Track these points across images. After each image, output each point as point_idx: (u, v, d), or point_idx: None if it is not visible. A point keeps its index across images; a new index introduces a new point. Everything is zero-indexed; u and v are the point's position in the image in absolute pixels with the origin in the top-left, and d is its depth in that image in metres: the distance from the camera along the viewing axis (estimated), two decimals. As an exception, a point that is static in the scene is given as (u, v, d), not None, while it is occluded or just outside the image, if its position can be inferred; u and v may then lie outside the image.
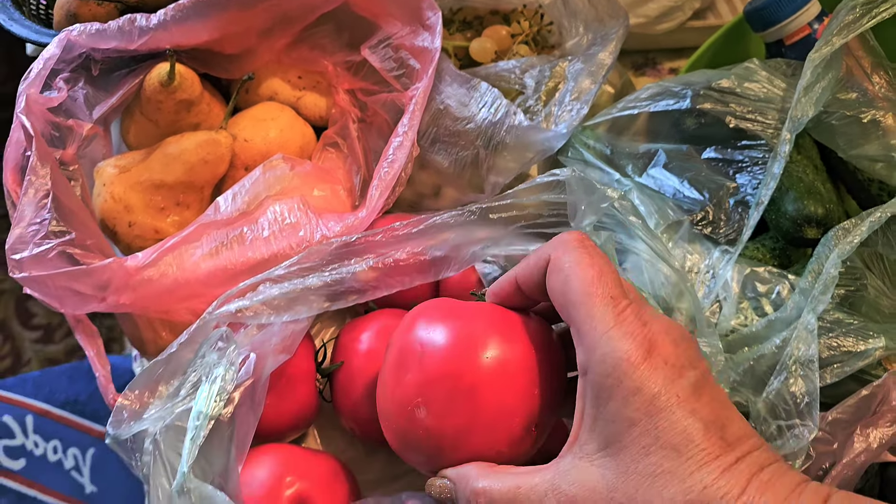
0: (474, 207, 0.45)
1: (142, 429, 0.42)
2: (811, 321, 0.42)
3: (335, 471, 0.47)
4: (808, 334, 0.42)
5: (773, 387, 0.42)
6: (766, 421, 0.41)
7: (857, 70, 0.55)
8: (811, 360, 0.41)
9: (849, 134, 0.53)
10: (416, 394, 0.40)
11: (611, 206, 0.41)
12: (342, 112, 0.62)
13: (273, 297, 0.47)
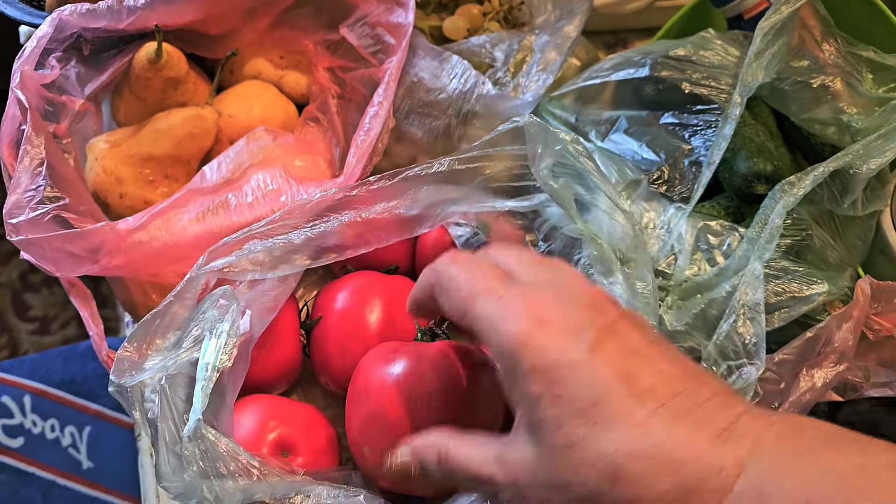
0: (443, 159, 0.48)
1: (143, 378, 0.45)
2: (758, 268, 0.46)
3: (315, 419, 0.50)
4: (755, 280, 0.45)
5: (723, 330, 0.45)
6: (717, 362, 0.44)
7: (809, 39, 0.59)
8: (758, 304, 0.45)
9: (800, 99, 0.56)
10: (359, 434, 0.47)
11: (564, 148, 0.44)
12: (322, 89, 0.65)
13: (257, 254, 0.50)
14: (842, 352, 0.47)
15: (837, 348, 0.47)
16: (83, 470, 0.98)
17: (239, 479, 0.42)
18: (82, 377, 1.04)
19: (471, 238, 0.54)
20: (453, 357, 0.47)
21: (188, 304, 0.49)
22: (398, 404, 0.45)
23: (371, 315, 0.53)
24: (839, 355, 0.47)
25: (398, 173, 0.49)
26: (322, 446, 0.49)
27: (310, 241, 0.50)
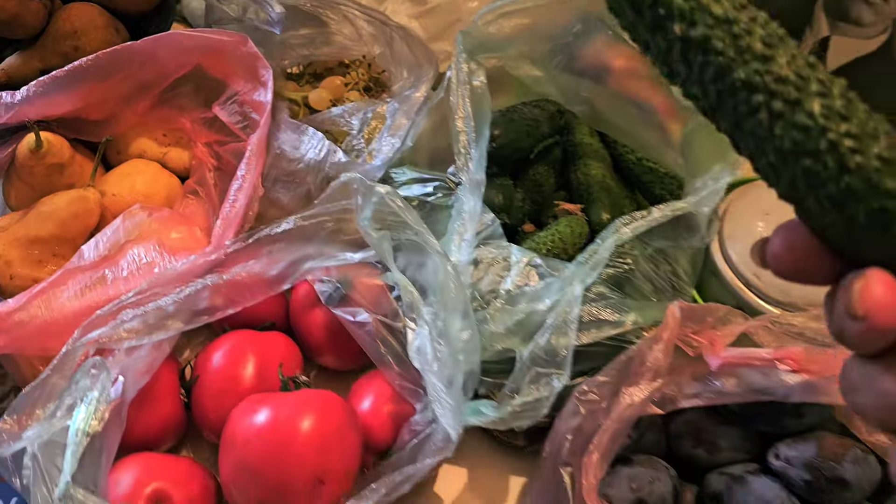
0: (289, 219, 0.53)
1: (21, 447, 0.49)
2: (578, 290, 0.51)
3: (191, 471, 0.54)
4: (573, 300, 0.51)
5: (539, 340, 0.50)
6: (529, 367, 0.49)
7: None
8: (572, 322, 0.50)
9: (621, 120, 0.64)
10: (230, 480, 0.52)
11: (381, 200, 0.50)
12: (200, 163, 0.70)
13: (131, 323, 0.54)
14: (655, 370, 0.53)
15: (651, 367, 0.53)
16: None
17: (109, 532, 0.46)
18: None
19: (332, 293, 0.60)
20: (310, 405, 0.52)
21: (66, 375, 0.53)
22: (261, 450, 0.50)
23: (244, 371, 0.58)
24: (654, 373, 0.53)
25: (251, 235, 0.55)
26: (197, 495, 0.53)
27: (180, 306, 0.55)
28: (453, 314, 0.50)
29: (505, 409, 0.49)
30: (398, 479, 0.49)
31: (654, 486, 0.53)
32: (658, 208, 0.55)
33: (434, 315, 0.49)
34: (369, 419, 0.56)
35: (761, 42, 0.24)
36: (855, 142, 0.23)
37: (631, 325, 0.53)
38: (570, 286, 0.52)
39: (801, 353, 0.50)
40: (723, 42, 0.24)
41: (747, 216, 0.66)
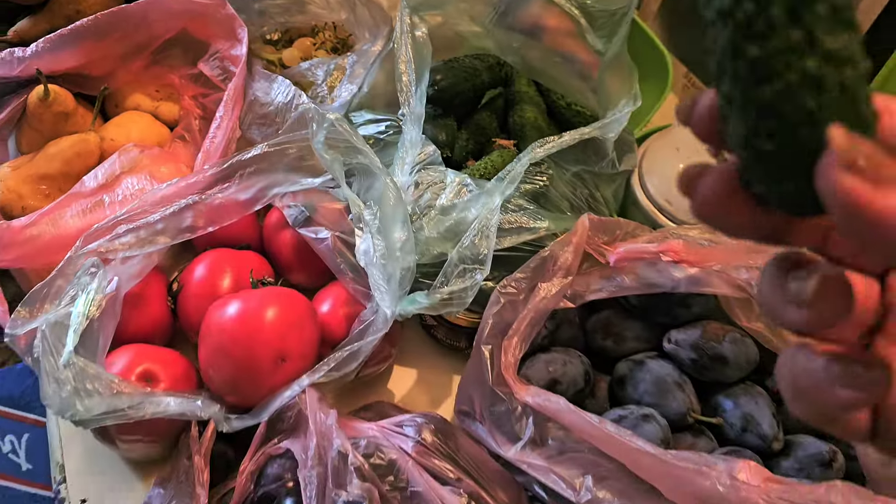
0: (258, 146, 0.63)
1: (32, 328, 0.59)
2: (497, 200, 0.61)
3: (175, 357, 0.64)
4: (493, 209, 0.61)
5: (465, 242, 0.60)
6: (457, 265, 0.59)
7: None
8: (492, 226, 0.60)
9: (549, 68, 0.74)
10: (206, 363, 0.62)
11: (331, 125, 0.60)
12: (187, 112, 0.80)
13: (124, 237, 0.64)
14: (566, 268, 0.62)
15: (562, 266, 0.62)
16: (23, 471, 1.10)
17: (103, 395, 0.56)
18: (19, 393, 1.17)
19: (298, 216, 0.69)
20: (275, 297, 0.62)
21: (69, 277, 0.63)
22: (233, 333, 0.60)
23: (222, 281, 0.68)
24: (565, 271, 0.62)
25: (226, 161, 0.65)
26: (180, 375, 0.63)
27: (166, 223, 0.65)
28: (393, 220, 0.59)
29: (435, 297, 0.59)
30: (344, 354, 0.59)
31: (568, 368, 0.63)
32: (568, 133, 0.65)
33: (374, 217, 0.59)
34: (327, 318, 0.66)
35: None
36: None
37: (544, 231, 0.63)
38: (491, 197, 0.61)
39: (681, 246, 0.59)
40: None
41: (662, 154, 0.76)
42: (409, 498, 0.51)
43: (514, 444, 0.57)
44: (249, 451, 0.59)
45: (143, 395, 0.57)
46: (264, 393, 0.60)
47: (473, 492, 0.53)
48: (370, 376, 0.68)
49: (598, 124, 0.67)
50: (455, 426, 0.58)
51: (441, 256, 0.63)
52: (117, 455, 0.67)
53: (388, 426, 0.57)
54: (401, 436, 0.55)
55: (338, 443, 0.51)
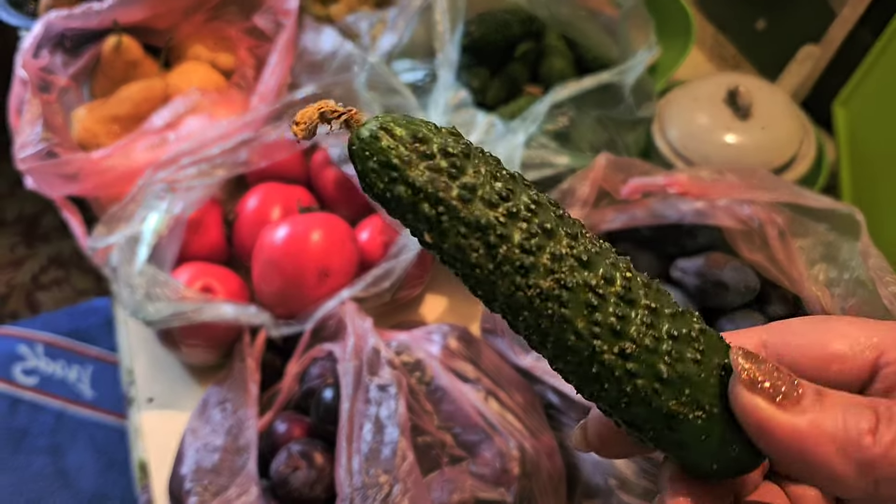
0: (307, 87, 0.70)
1: (111, 241, 0.67)
2: (521, 138, 0.67)
3: (231, 275, 0.72)
4: (517, 145, 0.67)
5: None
6: None
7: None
8: (515, 160, 0.66)
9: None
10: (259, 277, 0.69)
11: (372, 67, 0.66)
12: (242, 63, 0.88)
13: (187, 168, 0.72)
14: (584, 201, 0.68)
15: (580, 198, 0.68)
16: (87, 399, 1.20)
17: (170, 300, 0.64)
18: (84, 328, 1.27)
19: (342, 154, 0.76)
20: (319, 220, 0.69)
21: (140, 202, 0.71)
22: (282, 250, 0.67)
23: (272, 210, 0.75)
24: (582, 203, 0.68)
25: (277, 101, 0.72)
26: (235, 290, 0.70)
27: (224, 157, 0.73)
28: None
29: None
30: (381, 271, 0.66)
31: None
32: (588, 77, 0.70)
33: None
34: (366, 244, 0.73)
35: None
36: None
37: (565, 166, 0.69)
38: (516, 135, 0.68)
39: (685, 178, 0.65)
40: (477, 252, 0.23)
41: (681, 105, 0.81)
42: (434, 391, 0.58)
43: (528, 354, 0.64)
44: (295, 355, 0.67)
45: (203, 301, 0.65)
46: (309, 305, 0.68)
47: (491, 390, 0.59)
48: (404, 300, 0.75)
49: (616, 70, 0.73)
50: (478, 338, 0.64)
51: None
52: (178, 361, 0.75)
53: (418, 333, 0.64)
54: (429, 341, 0.62)
55: (372, 341, 0.58)
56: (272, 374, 0.70)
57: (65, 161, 0.73)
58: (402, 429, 0.51)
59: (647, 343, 0.24)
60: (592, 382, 0.24)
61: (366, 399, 0.54)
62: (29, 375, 1.22)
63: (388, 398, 0.53)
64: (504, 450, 0.54)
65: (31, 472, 1.15)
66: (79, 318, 1.28)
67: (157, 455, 0.70)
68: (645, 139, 0.82)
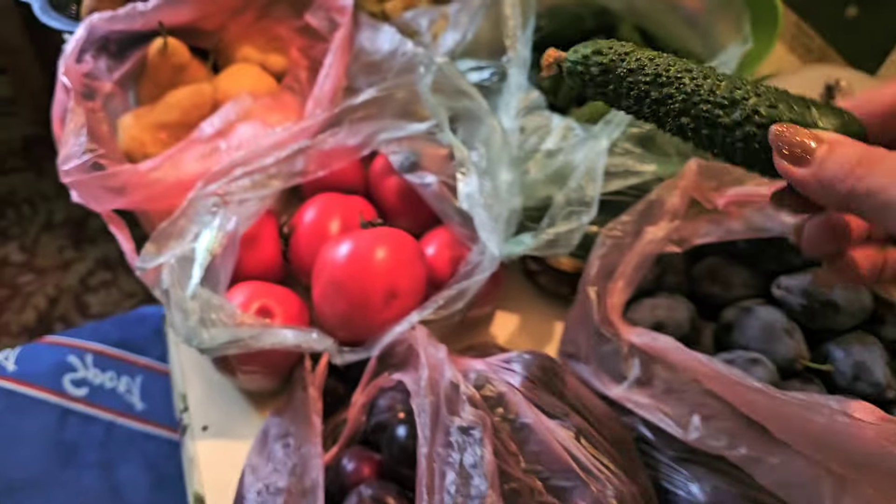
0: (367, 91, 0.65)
1: (161, 261, 0.63)
2: (604, 143, 0.61)
3: (290, 295, 0.67)
4: (600, 152, 0.61)
5: (572, 184, 0.60)
6: (563, 207, 0.59)
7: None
8: (599, 169, 0.60)
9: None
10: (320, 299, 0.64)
11: (439, 69, 0.61)
12: (294, 64, 0.83)
13: (241, 179, 0.67)
14: (673, 212, 0.62)
15: (669, 209, 0.62)
16: (137, 410, 1.17)
17: (226, 325, 0.59)
18: (132, 338, 1.24)
19: (404, 161, 0.71)
20: (385, 237, 0.64)
21: (191, 217, 0.66)
22: (346, 269, 0.62)
23: (331, 223, 0.70)
24: (671, 215, 0.62)
25: (336, 107, 0.67)
26: (294, 312, 0.66)
27: (279, 167, 0.68)
28: (499, 162, 0.60)
29: (542, 238, 0.60)
30: (453, 292, 0.61)
31: (673, 312, 0.63)
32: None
33: (481, 158, 0.60)
34: (433, 260, 0.68)
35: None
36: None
37: (651, 174, 0.62)
38: (598, 140, 0.61)
39: (795, 187, 0.58)
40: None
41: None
42: (519, 429, 0.52)
43: (619, 384, 0.58)
44: (361, 384, 0.62)
45: (262, 327, 0.60)
46: (375, 329, 0.62)
47: (581, 426, 0.54)
48: (474, 319, 0.69)
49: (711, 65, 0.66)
50: (561, 365, 0.58)
51: (546, 200, 0.63)
52: (234, 387, 0.70)
53: (496, 362, 0.58)
54: (509, 371, 0.57)
55: (449, 374, 0.53)
56: (334, 402, 0.66)
57: (111, 174, 0.69)
58: (490, 480, 0.46)
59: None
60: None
61: (446, 443, 0.48)
62: (79, 387, 1.20)
63: (472, 443, 0.48)
64: (601, 499, 0.49)
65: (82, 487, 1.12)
66: (127, 328, 1.25)
67: (213, 488, 0.66)
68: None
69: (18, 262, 1.99)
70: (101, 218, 0.70)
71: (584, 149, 0.62)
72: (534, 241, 0.59)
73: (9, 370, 1.18)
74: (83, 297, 1.92)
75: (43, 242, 2.01)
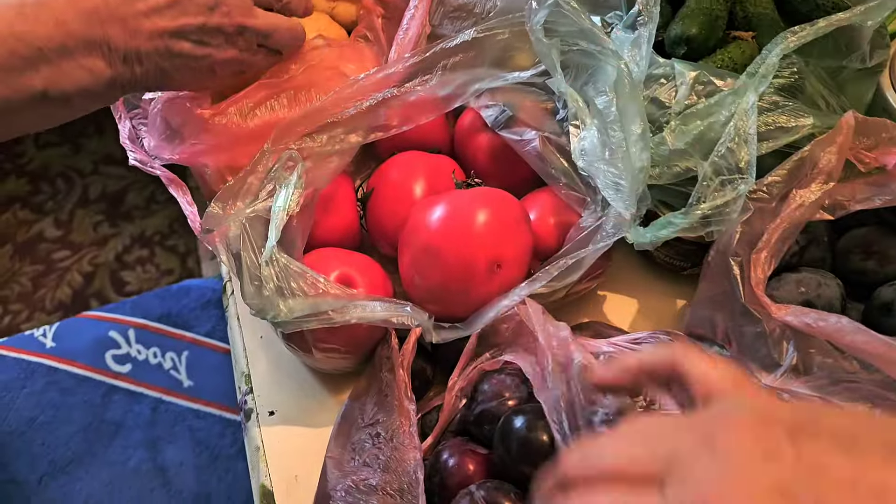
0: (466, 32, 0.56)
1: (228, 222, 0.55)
2: (752, 99, 0.52)
3: (371, 263, 0.59)
4: (749, 109, 0.52)
5: (720, 151, 0.51)
6: (712, 179, 0.50)
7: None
8: (750, 129, 0.51)
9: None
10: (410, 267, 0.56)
11: (557, 1, 0.52)
12: (368, 11, 0.74)
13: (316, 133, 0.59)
14: (828, 173, 0.53)
15: (823, 169, 0.53)
16: (184, 387, 1.10)
17: (307, 295, 0.51)
18: (177, 311, 1.17)
19: (499, 116, 0.62)
20: (487, 197, 0.55)
21: (260, 175, 0.58)
22: (444, 234, 0.54)
23: (416, 183, 0.62)
24: (826, 176, 0.53)
25: (430, 48, 0.58)
26: (378, 282, 0.57)
27: (360, 118, 0.59)
28: (626, 112, 0.51)
29: (695, 215, 0.50)
30: (570, 262, 0.52)
31: (823, 290, 0.54)
32: (825, 18, 0.54)
33: (609, 105, 0.51)
34: (536, 228, 0.59)
35: None
36: None
37: (809, 129, 0.53)
38: (744, 96, 0.52)
39: None
40: None
41: (923, 50, 0.64)
42: (662, 423, 0.44)
43: (770, 372, 0.49)
44: (459, 366, 0.53)
45: (348, 298, 0.52)
46: (475, 303, 0.54)
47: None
48: (578, 294, 0.61)
49: (861, 8, 0.56)
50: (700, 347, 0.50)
51: (684, 174, 0.54)
52: (304, 367, 0.63)
53: (623, 343, 0.49)
54: (640, 354, 0.48)
55: (578, 357, 0.44)
56: (422, 385, 0.58)
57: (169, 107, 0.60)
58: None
59: None
60: None
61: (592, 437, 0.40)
62: (122, 363, 1.13)
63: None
64: None
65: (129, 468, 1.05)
66: (171, 301, 1.18)
67: (282, 480, 0.58)
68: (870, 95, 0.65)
69: (53, 238, 1.93)
70: (136, 194, 0.62)
71: (725, 106, 0.53)
72: (685, 219, 0.50)
73: (47, 346, 1.12)
74: (119, 273, 1.86)
75: (78, 218, 1.95)
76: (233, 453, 0.99)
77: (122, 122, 0.66)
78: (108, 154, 1.97)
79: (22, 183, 2.02)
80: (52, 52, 0.49)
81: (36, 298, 1.83)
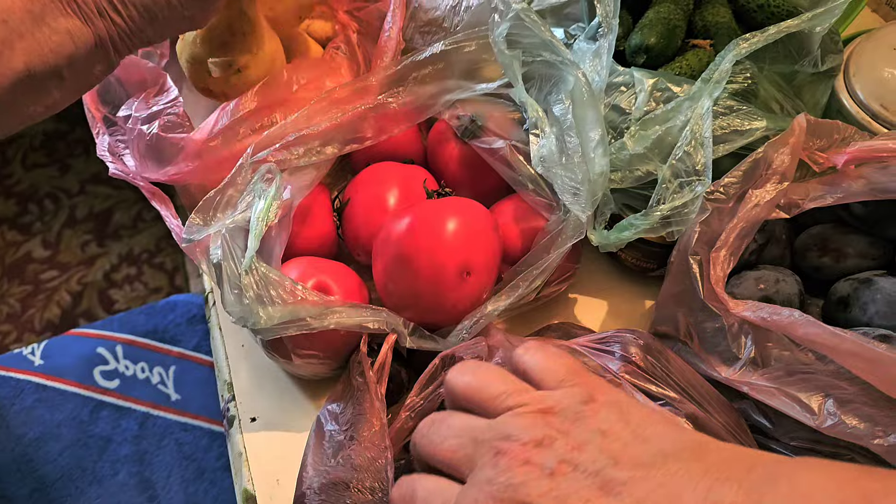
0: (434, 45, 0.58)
1: (208, 234, 0.57)
2: (707, 104, 0.54)
3: (346, 270, 0.61)
4: (705, 114, 0.54)
5: (677, 155, 0.53)
6: (671, 181, 0.53)
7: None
8: (705, 132, 0.53)
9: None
10: (384, 274, 0.58)
11: (516, 14, 0.54)
12: (343, 27, 0.76)
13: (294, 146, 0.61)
14: (782, 173, 0.55)
15: (777, 170, 0.55)
16: (172, 401, 1.11)
17: (286, 303, 0.53)
18: (164, 327, 1.18)
19: (468, 126, 0.64)
20: (456, 206, 0.57)
21: (240, 187, 0.60)
22: (415, 242, 0.56)
23: (390, 193, 0.64)
24: (780, 176, 0.55)
25: (401, 62, 0.60)
26: (353, 289, 0.59)
27: (335, 131, 0.61)
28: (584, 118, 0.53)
29: (654, 216, 0.52)
30: (535, 269, 0.54)
31: (781, 286, 0.56)
32: (775, 26, 0.57)
33: (565, 112, 0.53)
34: (504, 233, 0.61)
35: None
36: None
37: (763, 131, 0.55)
38: (699, 101, 0.54)
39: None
40: None
41: (874, 55, 0.67)
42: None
43: (729, 366, 0.51)
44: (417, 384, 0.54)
45: (325, 305, 0.53)
46: (446, 308, 0.56)
47: (694, 414, 0.47)
48: (547, 298, 0.63)
49: (808, 15, 0.59)
50: (664, 347, 0.52)
51: (645, 177, 0.56)
52: (284, 373, 0.64)
53: (588, 343, 0.51)
54: (605, 353, 0.50)
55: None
56: (397, 389, 0.59)
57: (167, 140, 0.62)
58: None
59: None
60: None
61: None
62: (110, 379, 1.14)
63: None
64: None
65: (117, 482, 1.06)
66: (157, 317, 1.19)
67: (264, 484, 0.60)
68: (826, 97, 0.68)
69: (41, 259, 1.95)
70: (123, 213, 0.64)
71: (682, 111, 0.55)
72: (645, 220, 0.52)
73: (36, 364, 1.13)
74: (107, 292, 1.87)
75: (66, 238, 1.97)
76: (219, 466, 1.01)
77: (99, 136, 0.68)
78: (95, 174, 1.99)
79: (10, 204, 2.03)
80: (18, 23, 0.45)
81: (24, 319, 1.84)
